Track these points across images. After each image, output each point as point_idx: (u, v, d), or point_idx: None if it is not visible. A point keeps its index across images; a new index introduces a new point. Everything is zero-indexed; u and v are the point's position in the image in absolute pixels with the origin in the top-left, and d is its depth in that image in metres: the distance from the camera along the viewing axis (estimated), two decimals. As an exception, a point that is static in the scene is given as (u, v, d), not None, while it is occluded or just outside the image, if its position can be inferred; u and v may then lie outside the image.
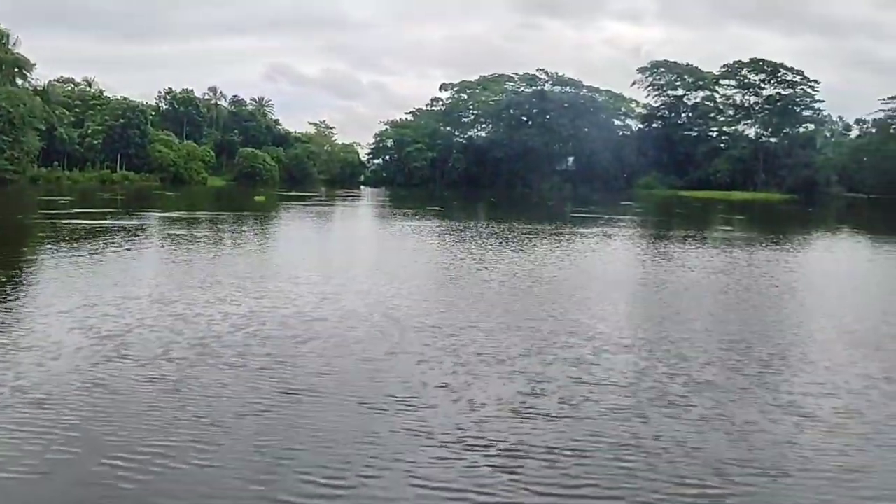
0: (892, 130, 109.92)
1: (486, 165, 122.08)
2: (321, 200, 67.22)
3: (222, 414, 8.11)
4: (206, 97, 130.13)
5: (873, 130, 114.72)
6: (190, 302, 14.24)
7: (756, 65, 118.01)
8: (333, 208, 57.85)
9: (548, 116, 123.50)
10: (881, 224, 55.38)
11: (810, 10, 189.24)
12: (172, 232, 29.85)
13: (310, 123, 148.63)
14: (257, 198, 64.53)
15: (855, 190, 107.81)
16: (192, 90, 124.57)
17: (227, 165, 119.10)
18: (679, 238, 33.86)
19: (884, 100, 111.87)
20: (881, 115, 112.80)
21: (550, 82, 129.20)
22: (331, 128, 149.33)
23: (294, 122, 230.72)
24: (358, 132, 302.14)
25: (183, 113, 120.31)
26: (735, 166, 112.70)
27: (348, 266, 21.36)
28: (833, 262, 28.17)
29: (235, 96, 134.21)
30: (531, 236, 31.87)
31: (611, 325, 13.40)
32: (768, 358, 11.16)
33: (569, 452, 7.38)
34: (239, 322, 12.56)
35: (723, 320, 14.48)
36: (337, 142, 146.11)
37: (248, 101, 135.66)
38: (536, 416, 8.36)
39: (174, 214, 41.07)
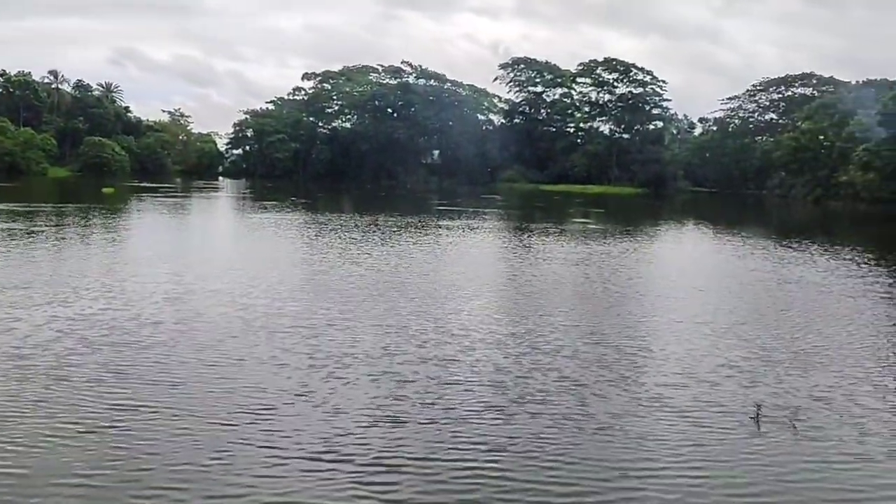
0: (730, 129, 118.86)
1: (352, 157, 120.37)
2: (176, 192, 63.56)
3: (42, 435, 7.05)
4: (46, 81, 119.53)
5: (714, 129, 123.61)
6: (10, 305, 12.64)
7: (610, 64, 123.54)
8: (189, 201, 54.81)
9: (413, 109, 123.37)
10: (721, 216, 59.38)
11: (655, 13, 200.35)
12: (1, 227, 26.94)
13: (163, 111, 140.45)
14: (105, 189, 59.96)
15: (699, 184, 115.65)
16: (29, 73, 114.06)
17: (71, 155, 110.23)
18: (540, 231, 34.55)
19: (723, 100, 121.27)
20: (721, 114, 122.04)
21: (415, 75, 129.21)
22: (186, 116, 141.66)
23: (146, 109, 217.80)
24: (215, 121, 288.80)
25: (19, 97, 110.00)
26: (591, 161, 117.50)
27: (200, 263, 19.96)
28: (683, 253, 29.62)
29: (79, 81, 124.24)
30: (397, 229, 31.42)
31: (477, 321, 13.14)
32: (631, 350, 11.26)
33: (439, 459, 6.96)
34: (68, 327, 11.22)
35: (585, 313, 14.61)
36: (193, 131, 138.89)
37: (94, 87, 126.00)
38: (406, 422, 7.86)
39: (7, 207, 37.27)
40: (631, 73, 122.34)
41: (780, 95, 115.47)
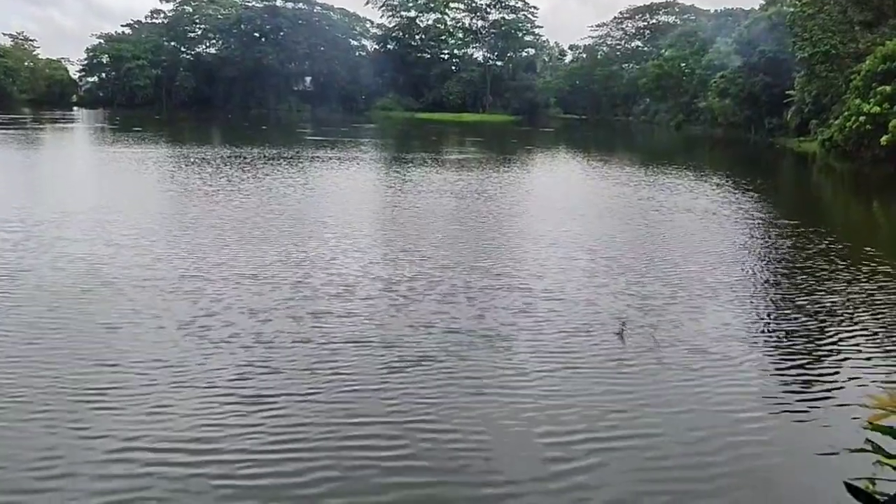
0: (598, 57, 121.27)
1: (218, 84, 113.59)
2: (24, 125, 57.27)
3: None
4: None
5: (584, 56, 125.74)
6: None
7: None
8: (36, 134, 49.43)
9: (282, 33, 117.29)
10: (594, 143, 60.63)
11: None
12: None
13: (4, 35, 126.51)
14: (-68, 122, 53.40)
15: (569, 111, 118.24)
16: None
17: None
18: (419, 161, 33.58)
19: (592, 27, 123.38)
20: (590, 41, 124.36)
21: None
22: (31, 40, 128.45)
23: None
24: (65, 47, 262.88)
25: None
26: (466, 89, 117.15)
27: (34, 206, 17.44)
28: (565, 182, 29.60)
29: None
30: (264, 162, 29.49)
31: (359, 266, 12.08)
32: (517, 306, 10.59)
33: (335, 437, 6.06)
34: None
35: (470, 249, 13.80)
36: (41, 57, 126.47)
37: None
38: (292, 395, 6.79)
39: None
40: None
41: (646, 23, 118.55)
